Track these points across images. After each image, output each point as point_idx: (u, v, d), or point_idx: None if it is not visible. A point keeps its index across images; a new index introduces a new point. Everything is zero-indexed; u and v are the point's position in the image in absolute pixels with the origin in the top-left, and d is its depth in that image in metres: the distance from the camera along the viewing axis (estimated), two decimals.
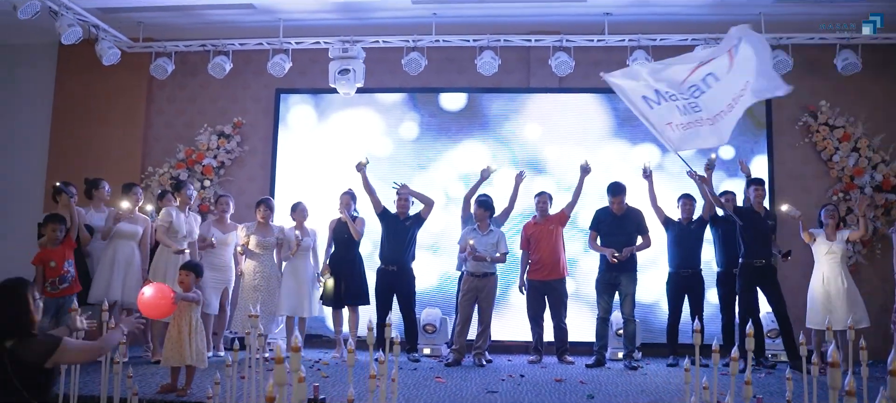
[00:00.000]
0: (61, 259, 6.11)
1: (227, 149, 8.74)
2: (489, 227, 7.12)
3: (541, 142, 8.39)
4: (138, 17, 8.27)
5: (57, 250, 6.13)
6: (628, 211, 7.18)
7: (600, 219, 7.22)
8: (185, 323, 5.20)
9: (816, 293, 6.86)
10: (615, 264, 6.94)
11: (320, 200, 7.83)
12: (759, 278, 6.90)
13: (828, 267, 6.84)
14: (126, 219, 6.80)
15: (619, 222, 7.12)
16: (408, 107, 8.62)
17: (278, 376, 2.51)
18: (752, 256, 6.88)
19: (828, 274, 6.83)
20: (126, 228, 6.81)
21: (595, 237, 7.20)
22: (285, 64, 8.20)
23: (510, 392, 5.60)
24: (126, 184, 7.14)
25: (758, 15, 7.82)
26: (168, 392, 5.17)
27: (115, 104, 8.95)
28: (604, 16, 7.95)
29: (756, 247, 6.89)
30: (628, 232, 7.11)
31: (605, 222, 7.17)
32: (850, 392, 2.43)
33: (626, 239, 7.03)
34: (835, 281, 6.79)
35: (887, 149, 8.14)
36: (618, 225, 7.11)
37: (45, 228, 6.16)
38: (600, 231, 7.18)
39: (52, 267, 6.07)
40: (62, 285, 6.08)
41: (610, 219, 7.16)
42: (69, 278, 6.16)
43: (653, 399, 5.34)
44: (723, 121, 5.80)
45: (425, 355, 7.41)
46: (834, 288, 6.76)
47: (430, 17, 8.02)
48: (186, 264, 5.57)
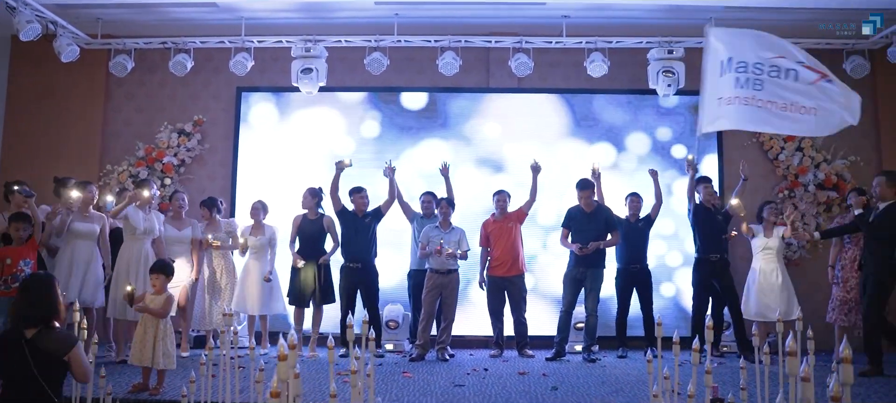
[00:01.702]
0: (18, 257, 5.97)
1: (187, 147, 8.72)
2: (450, 225, 7.28)
3: (500, 141, 8.57)
4: (97, 13, 8.17)
5: (15, 248, 6.02)
6: (598, 208, 7.35)
7: (572, 216, 7.36)
8: (151, 325, 5.23)
9: (751, 286, 7.20)
10: (583, 260, 7.10)
11: (281, 198, 7.90)
12: (714, 272, 7.26)
13: (764, 262, 7.19)
14: (81, 219, 6.73)
15: (589, 219, 7.28)
16: (369, 106, 8.72)
17: (282, 372, 2.61)
18: (706, 251, 7.30)
19: (764, 267, 7.17)
20: (82, 228, 6.67)
21: (566, 234, 7.34)
22: (247, 62, 8.19)
23: (476, 385, 5.77)
24: (79, 182, 6.99)
25: (710, 19, 8.08)
26: (140, 391, 5.20)
27: (73, 100, 8.85)
28: (562, 18, 8.13)
29: (710, 243, 7.28)
30: (599, 228, 7.25)
31: (577, 219, 7.32)
32: (805, 379, 2.53)
33: (597, 236, 7.16)
34: (770, 275, 7.13)
35: (829, 149, 8.53)
36: (588, 222, 7.26)
37: (10, 228, 6.06)
38: (572, 228, 7.32)
39: (8, 263, 5.93)
40: (14, 284, 5.84)
41: (581, 216, 7.31)
42: (22, 278, 6.07)
43: (613, 389, 5.57)
44: (781, 114, 6.12)
45: (388, 350, 7.54)
46: (768, 281, 7.10)
47: (392, 18, 8.11)
48: (156, 265, 5.57)
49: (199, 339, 7.53)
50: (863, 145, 8.61)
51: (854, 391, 4.98)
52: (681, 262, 8.31)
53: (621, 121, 8.61)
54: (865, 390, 5.55)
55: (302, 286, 7.29)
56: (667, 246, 8.32)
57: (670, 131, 8.58)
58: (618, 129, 8.59)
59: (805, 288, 7.97)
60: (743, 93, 6.16)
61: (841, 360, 2.36)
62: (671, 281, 8.33)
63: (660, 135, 8.56)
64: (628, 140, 8.56)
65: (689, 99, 8.46)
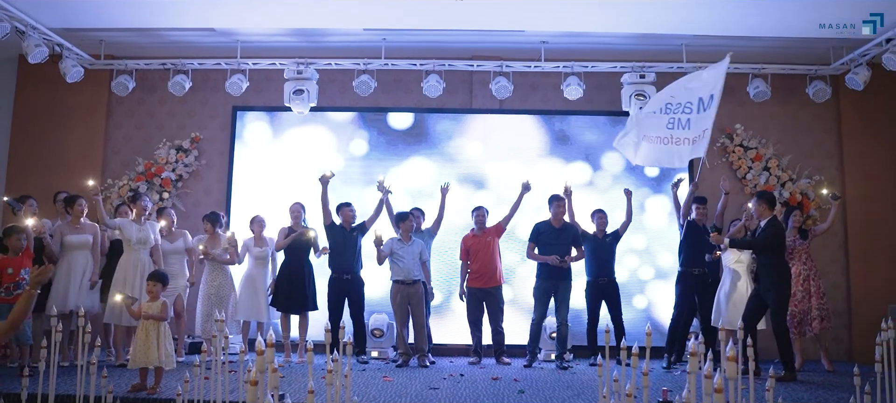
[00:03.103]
0: (18, 266, 6.37)
1: (185, 163, 9.16)
2: (411, 239, 7.71)
3: (482, 159, 9.02)
4: (100, 35, 8.64)
5: (15, 258, 6.40)
6: (565, 224, 7.80)
7: (540, 231, 7.79)
8: (152, 328, 5.67)
9: (722, 297, 7.61)
10: (554, 272, 7.53)
11: (274, 212, 8.32)
12: (697, 285, 7.62)
13: (734, 275, 7.59)
14: (73, 231, 7.17)
15: (557, 234, 7.71)
16: (358, 126, 9.18)
17: (260, 365, 3.04)
18: (690, 265, 7.61)
19: (734, 280, 7.57)
20: (76, 239, 7.10)
21: (533, 248, 7.78)
22: (242, 83, 8.67)
23: (450, 389, 6.17)
24: (68, 197, 7.38)
25: (680, 46, 8.59)
26: (139, 390, 5.62)
27: (76, 117, 9.29)
28: (540, 44, 8.61)
29: (693, 257, 7.62)
30: (566, 243, 7.69)
31: (545, 233, 7.75)
32: (718, 390, 2.71)
33: (563, 250, 7.61)
34: (740, 287, 7.53)
35: (794, 169, 8.99)
36: (556, 237, 7.69)
37: (8, 240, 6.41)
38: (539, 242, 7.75)
39: (9, 273, 6.32)
40: (17, 291, 6.25)
41: (549, 231, 7.75)
42: (24, 285, 6.45)
43: (575, 393, 5.99)
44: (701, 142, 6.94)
45: (373, 357, 7.97)
46: (738, 293, 7.50)
47: (380, 42, 8.58)
48: (153, 274, 6.02)
49: (195, 345, 7.92)
50: (826, 166, 9.07)
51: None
52: (652, 275, 8.74)
53: (597, 141, 9.06)
54: (782, 395, 5.86)
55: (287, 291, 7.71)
56: (639, 260, 8.75)
57: None
58: (593, 149, 9.03)
59: None
60: (667, 135, 6.88)
61: (727, 358, 2.79)
62: (643, 293, 8.75)
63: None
64: (603, 159, 9.00)
65: None
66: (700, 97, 7.15)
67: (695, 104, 7.19)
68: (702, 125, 7.11)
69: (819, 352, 7.76)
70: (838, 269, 8.84)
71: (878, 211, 8.86)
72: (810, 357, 8.06)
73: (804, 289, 7.49)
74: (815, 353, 7.99)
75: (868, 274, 8.78)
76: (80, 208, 7.26)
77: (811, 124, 9.14)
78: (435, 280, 8.31)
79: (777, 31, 8.16)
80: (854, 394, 4.42)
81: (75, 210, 7.22)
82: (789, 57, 8.75)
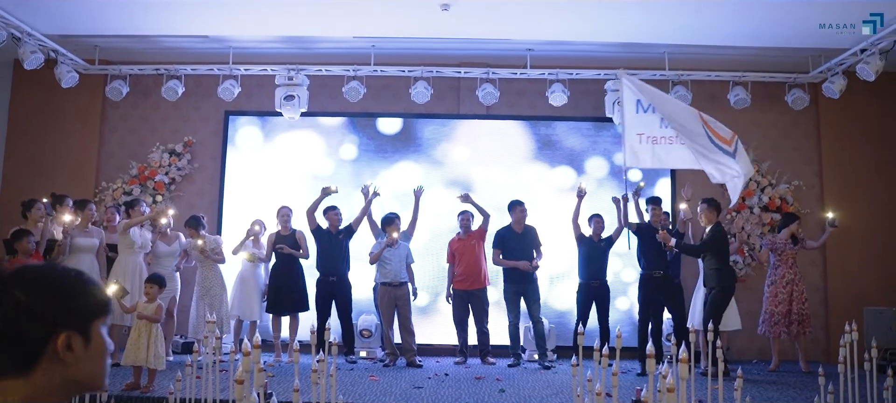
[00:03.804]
0: None
1: (178, 167, 9.33)
2: (398, 242, 7.89)
3: (469, 164, 9.22)
4: (95, 41, 8.79)
5: (26, 260, 6.55)
6: (526, 229, 8.08)
7: (504, 237, 8.07)
8: (144, 328, 5.87)
9: (698, 298, 7.81)
10: (521, 276, 7.87)
11: (265, 215, 8.50)
12: (659, 288, 7.61)
13: None
14: (82, 234, 7.37)
15: (520, 239, 8.00)
16: (347, 131, 9.37)
17: (246, 365, 3.23)
18: (650, 268, 7.59)
19: None
20: (84, 242, 7.37)
21: (498, 254, 8.06)
22: (234, 89, 8.84)
23: (434, 388, 6.38)
24: (79, 201, 7.67)
25: (662, 54, 8.79)
26: (132, 389, 5.83)
27: (71, 122, 9.43)
28: (526, 51, 8.79)
29: (654, 260, 7.58)
30: (529, 247, 8.03)
31: (509, 239, 8.04)
32: (669, 389, 2.87)
33: (527, 254, 7.97)
34: None
35: (773, 174, 9.20)
36: (519, 242, 8.01)
37: (18, 243, 6.64)
38: (504, 247, 8.04)
39: None
40: None
41: (512, 236, 8.05)
42: None
43: (553, 392, 6.20)
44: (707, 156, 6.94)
45: (362, 357, 8.16)
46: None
47: (369, 49, 8.75)
48: (151, 277, 6.24)
49: (188, 345, 8.09)
50: (805, 171, 9.29)
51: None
52: (635, 278, 8.91)
53: (581, 147, 9.27)
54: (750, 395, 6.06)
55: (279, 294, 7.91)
56: (622, 263, 8.95)
57: None
58: (578, 154, 9.24)
59: (752, 304, 8.66)
60: (668, 134, 6.89)
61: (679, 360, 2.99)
62: (626, 295, 8.96)
63: (617, 159, 9.16)
64: (588, 164, 9.21)
65: None
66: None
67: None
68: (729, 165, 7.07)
69: (797, 353, 7.96)
70: (816, 272, 9.05)
71: (856, 215, 9.05)
72: (788, 357, 8.27)
73: (787, 292, 7.70)
74: (793, 353, 8.20)
75: (845, 277, 9.00)
76: (90, 212, 7.49)
77: (790, 131, 9.36)
78: (422, 282, 8.52)
79: (757, 41, 8.36)
80: (819, 394, 4.61)
81: (86, 213, 7.44)
82: (769, 65, 8.94)
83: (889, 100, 9.24)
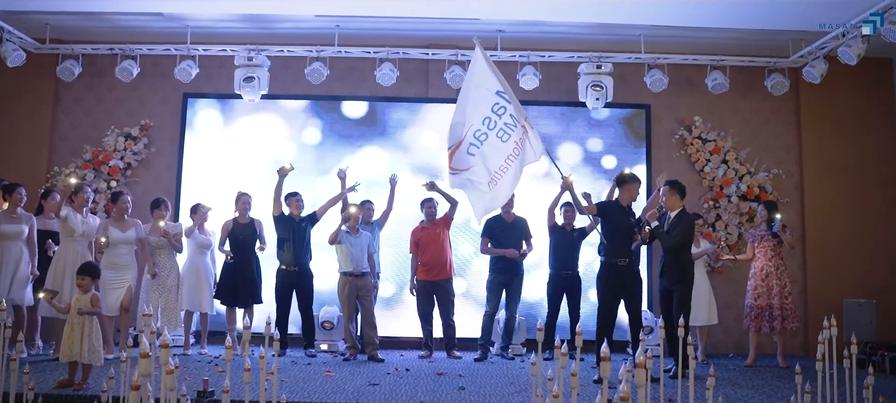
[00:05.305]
0: None
1: (133, 151, 8.92)
2: (359, 230, 7.55)
3: (437, 150, 8.84)
4: (46, 19, 8.37)
5: None
6: (516, 219, 7.77)
7: (492, 227, 7.75)
8: (78, 322, 5.49)
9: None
10: (509, 267, 7.55)
11: (225, 201, 8.12)
12: (623, 278, 6.63)
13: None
14: (8, 220, 6.96)
15: (509, 229, 7.71)
16: (311, 114, 8.99)
17: (144, 367, 2.86)
18: (614, 255, 6.61)
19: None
20: (9, 229, 6.92)
21: (487, 242, 7.75)
22: (192, 70, 8.45)
23: (391, 385, 6.05)
24: (7, 185, 7.21)
25: (638, 36, 8.47)
26: (65, 387, 5.45)
27: (21, 103, 9.00)
28: (497, 32, 8.46)
29: (618, 246, 6.62)
30: (518, 237, 7.74)
31: (498, 228, 7.73)
32: (623, 398, 2.64)
33: (516, 244, 7.67)
34: (698, 285, 7.36)
35: (752, 162, 8.91)
36: (508, 232, 7.70)
37: None
38: (492, 236, 7.73)
39: None
40: None
41: (501, 226, 7.72)
42: None
43: (517, 389, 5.88)
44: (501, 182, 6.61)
45: (323, 350, 7.82)
46: (695, 291, 7.36)
47: (333, 29, 8.39)
48: (83, 267, 5.82)
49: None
50: (785, 159, 9.00)
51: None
52: None
53: (554, 132, 8.94)
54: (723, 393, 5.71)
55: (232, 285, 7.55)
56: (594, 254, 8.61)
57: (601, 142, 8.93)
58: (551, 140, 8.89)
59: (731, 296, 8.42)
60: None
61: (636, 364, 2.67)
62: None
63: (590, 145, 8.91)
64: (561, 150, 8.88)
65: (619, 111, 8.91)
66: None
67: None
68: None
69: (775, 347, 7.69)
70: (795, 263, 8.76)
71: (836, 204, 8.83)
72: (766, 351, 8.01)
73: (765, 285, 7.41)
74: (771, 347, 7.94)
75: (825, 267, 8.75)
76: (18, 196, 7.06)
77: (770, 118, 9.07)
78: (386, 272, 8.20)
79: (736, 23, 8.06)
80: (795, 392, 4.34)
81: (14, 198, 7.02)
82: (748, 49, 8.66)
83: (870, 86, 8.98)
